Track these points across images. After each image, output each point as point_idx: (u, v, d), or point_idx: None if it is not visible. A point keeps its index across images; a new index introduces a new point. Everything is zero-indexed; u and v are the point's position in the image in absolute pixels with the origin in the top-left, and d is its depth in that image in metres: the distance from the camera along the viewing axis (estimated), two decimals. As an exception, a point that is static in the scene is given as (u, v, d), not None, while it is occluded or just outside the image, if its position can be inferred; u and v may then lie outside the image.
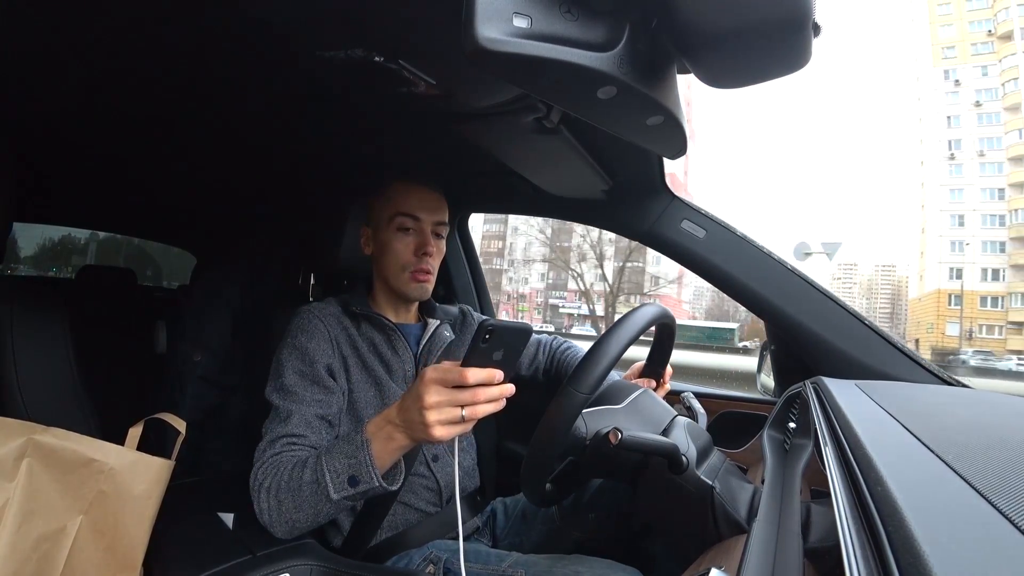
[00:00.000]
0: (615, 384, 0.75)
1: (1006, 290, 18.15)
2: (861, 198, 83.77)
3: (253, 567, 0.64)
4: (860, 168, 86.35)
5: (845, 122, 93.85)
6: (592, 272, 28.15)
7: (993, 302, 23.33)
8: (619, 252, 29.56)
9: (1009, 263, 19.48)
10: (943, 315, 25.78)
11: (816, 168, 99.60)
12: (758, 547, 0.46)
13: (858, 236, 73.40)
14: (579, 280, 28.29)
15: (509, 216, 16.87)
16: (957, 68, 22.36)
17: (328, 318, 0.86)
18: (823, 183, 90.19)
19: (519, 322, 0.59)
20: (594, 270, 28.03)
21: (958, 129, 23.15)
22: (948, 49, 26.59)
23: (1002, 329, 21.65)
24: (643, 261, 32.33)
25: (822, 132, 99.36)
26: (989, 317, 22.65)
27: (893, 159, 70.58)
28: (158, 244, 2.64)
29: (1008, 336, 19.52)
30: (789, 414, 0.77)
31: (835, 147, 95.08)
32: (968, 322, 23.72)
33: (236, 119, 0.94)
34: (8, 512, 0.65)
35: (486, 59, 0.39)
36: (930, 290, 25.79)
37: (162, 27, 0.63)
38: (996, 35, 21.87)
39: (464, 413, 0.56)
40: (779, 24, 0.41)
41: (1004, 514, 0.26)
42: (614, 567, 0.70)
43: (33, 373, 0.87)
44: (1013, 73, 20.81)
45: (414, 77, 0.65)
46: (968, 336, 23.25)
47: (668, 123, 0.54)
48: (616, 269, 29.31)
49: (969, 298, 23.32)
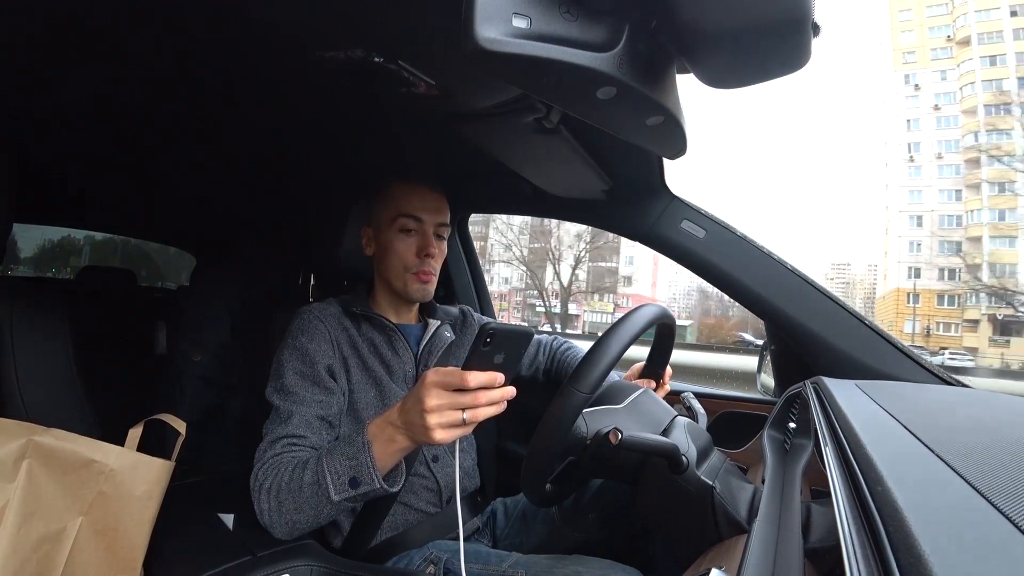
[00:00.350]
0: (615, 384, 0.75)
1: (962, 288, 18.59)
2: (832, 199, 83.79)
3: (253, 568, 0.64)
4: (830, 168, 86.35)
5: (816, 125, 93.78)
6: (565, 272, 29.49)
7: (950, 300, 23.98)
8: (591, 254, 31.02)
9: (965, 263, 19.92)
10: (901, 313, 26.64)
11: (788, 169, 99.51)
12: (758, 547, 0.46)
13: (833, 236, 73.53)
14: (536, 280, 29.73)
15: (491, 216, 17.25)
16: (917, 72, 22.92)
17: (328, 319, 0.86)
18: (794, 183, 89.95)
19: (520, 326, 0.59)
20: (563, 271, 29.36)
21: (917, 132, 23.78)
22: (909, 54, 27.33)
23: (958, 327, 22.26)
24: (616, 262, 34.30)
25: (794, 134, 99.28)
26: (946, 315, 23.25)
27: (861, 161, 70.71)
28: (152, 248, 2.65)
29: (964, 333, 20.07)
30: (789, 414, 0.77)
31: (807, 149, 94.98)
32: (926, 320, 24.27)
33: (236, 119, 0.94)
34: (8, 513, 0.65)
35: (485, 59, 0.39)
36: (891, 289, 26.47)
37: (163, 27, 0.63)
38: (955, 40, 22.38)
39: (465, 416, 0.56)
40: (779, 24, 0.41)
41: (1004, 514, 0.25)
42: (614, 567, 0.70)
43: (33, 373, 0.87)
44: (970, 77, 21.29)
45: (414, 77, 0.65)
46: (926, 333, 23.74)
47: (668, 123, 0.54)
48: (587, 270, 31.16)
49: (927, 296, 23.92)
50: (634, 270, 35.74)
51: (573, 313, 30.44)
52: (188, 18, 0.60)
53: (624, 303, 34.43)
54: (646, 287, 37.04)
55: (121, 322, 1.53)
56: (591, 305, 34.24)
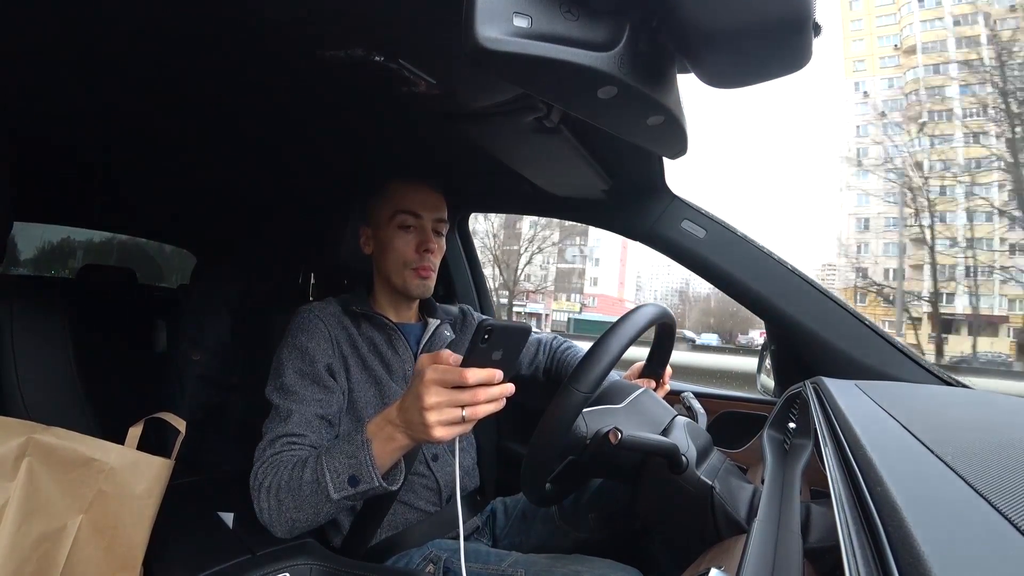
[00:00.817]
0: (615, 384, 0.75)
1: (904, 288, 19.21)
2: (795, 201, 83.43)
3: (253, 567, 0.64)
4: (793, 171, 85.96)
5: (787, 128, 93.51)
6: (539, 268, 31.37)
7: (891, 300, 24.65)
8: (558, 253, 34.20)
9: (908, 263, 20.54)
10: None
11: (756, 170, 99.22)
12: (758, 547, 0.46)
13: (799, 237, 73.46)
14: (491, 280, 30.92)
15: (471, 216, 18.07)
16: (866, 80, 23.52)
17: (328, 318, 0.86)
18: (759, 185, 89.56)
19: (518, 322, 0.59)
20: (536, 268, 30.99)
21: (866, 138, 24.46)
22: (859, 62, 28.14)
23: (902, 325, 23.05)
24: (582, 263, 36.63)
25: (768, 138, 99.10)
26: (891, 313, 24.05)
27: (821, 166, 70.78)
28: (149, 251, 2.65)
29: (906, 331, 20.69)
30: (789, 414, 0.77)
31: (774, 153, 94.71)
32: (872, 318, 25.17)
33: (236, 119, 0.94)
34: (8, 511, 0.65)
35: (486, 59, 0.39)
36: (840, 288, 27.26)
37: (163, 26, 0.62)
38: (901, 49, 22.94)
39: (464, 413, 0.56)
40: (779, 24, 0.41)
41: (1004, 514, 0.25)
42: (614, 567, 0.70)
43: (33, 372, 0.87)
44: (914, 85, 21.86)
45: (414, 77, 0.65)
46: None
47: (668, 123, 0.54)
48: (554, 272, 34.12)
49: (873, 295, 24.62)
50: (600, 272, 37.70)
51: (541, 313, 31.64)
52: (188, 18, 0.60)
53: (591, 303, 36.46)
54: (613, 287, 38.89)
55: (121, 321, 1.53)
56: (559, 305, 35.78)
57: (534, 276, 31.81)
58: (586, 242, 37.25)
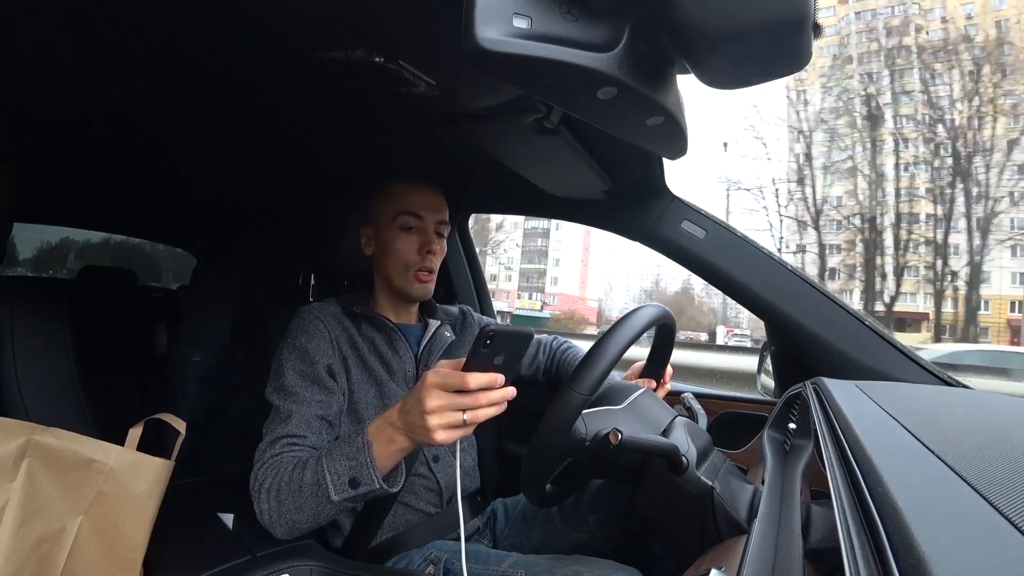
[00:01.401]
0: (615, 384, 0.75)
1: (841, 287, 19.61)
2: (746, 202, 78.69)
3: (253, 568, 0.64)
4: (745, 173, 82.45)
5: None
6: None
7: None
8: (525, 254, 39.19)
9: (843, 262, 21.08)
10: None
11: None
12: (758, 548, 0.46)
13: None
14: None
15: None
16: (807, 89, 24.09)
17: (328, 318, 0.86)
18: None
19: (520, 327, 0.59)
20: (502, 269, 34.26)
21: (807, 142, 25.04)
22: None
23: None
24: (544, 263, 39.77)
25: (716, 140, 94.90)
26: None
27: (771, 169, 68.48)
28: (145, 253, 2.65)
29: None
30: (789, 414, 0.77)
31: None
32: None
33: (236, 119, 0.94)
34: (8, 512, 0.65)
35: (486, 60, 0.39)
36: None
37: (163, 27, 0.63)
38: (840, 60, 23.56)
39: (465, 417, 0.57)
40: (779, 24, 0.41)
41: (1004, 514, 0.25)
42: (614, 567, 0.70)
43: (33, 373, 0.87)
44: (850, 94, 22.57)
45: (414, 77, 0.65)
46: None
47: (668, 124, 0.54)
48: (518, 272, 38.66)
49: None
50: (560, 272, 40.36)
51: (504, 311, 33.07)
52: (189, 19, 0.60)
53: (551, 301, 39.02)
54: (574, 287, 41.27)
55: (121, 322, 1.54)
56: (521, 303, 37.96)
57: (500, 276, 34.81)
58: (547, 244, 39.86)
